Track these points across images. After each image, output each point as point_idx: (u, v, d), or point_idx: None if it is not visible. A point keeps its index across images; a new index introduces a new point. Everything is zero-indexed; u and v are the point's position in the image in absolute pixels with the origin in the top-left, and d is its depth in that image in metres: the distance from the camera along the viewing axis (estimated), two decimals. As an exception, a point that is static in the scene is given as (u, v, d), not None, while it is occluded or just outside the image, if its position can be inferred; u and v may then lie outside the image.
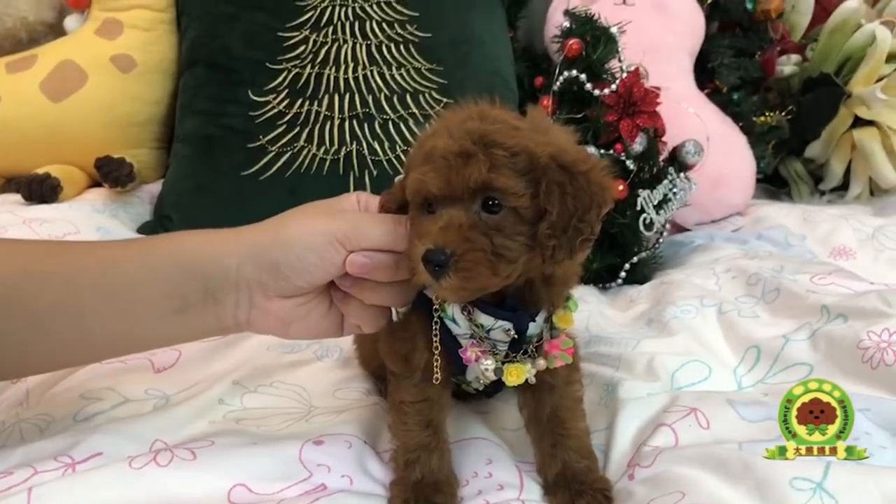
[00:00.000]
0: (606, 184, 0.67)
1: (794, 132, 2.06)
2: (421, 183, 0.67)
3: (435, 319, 0.74)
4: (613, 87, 1.30)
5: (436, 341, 0.74)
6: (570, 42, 1.33)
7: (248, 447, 0.78)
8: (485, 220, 0.65)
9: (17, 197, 1.53)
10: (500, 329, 0.73)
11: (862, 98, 1.96)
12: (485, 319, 0.72)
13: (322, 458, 0.77)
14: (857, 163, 2.03)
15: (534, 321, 0.74)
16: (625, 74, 1.32)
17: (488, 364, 0.73)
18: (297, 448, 0.77)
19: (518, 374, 0.73)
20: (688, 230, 1.70)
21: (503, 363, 0.74)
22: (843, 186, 2.10)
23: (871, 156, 1.95)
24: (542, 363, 0.74)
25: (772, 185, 2.19)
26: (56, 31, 1.85)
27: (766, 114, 2.05)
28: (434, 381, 0.74)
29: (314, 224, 0.72)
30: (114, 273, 0.72)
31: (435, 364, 0.74)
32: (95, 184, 1.65)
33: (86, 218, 1.45)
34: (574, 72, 1.32)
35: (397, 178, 0.77)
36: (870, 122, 1.98)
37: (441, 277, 0.63)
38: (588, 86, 1.31)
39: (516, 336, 0.73)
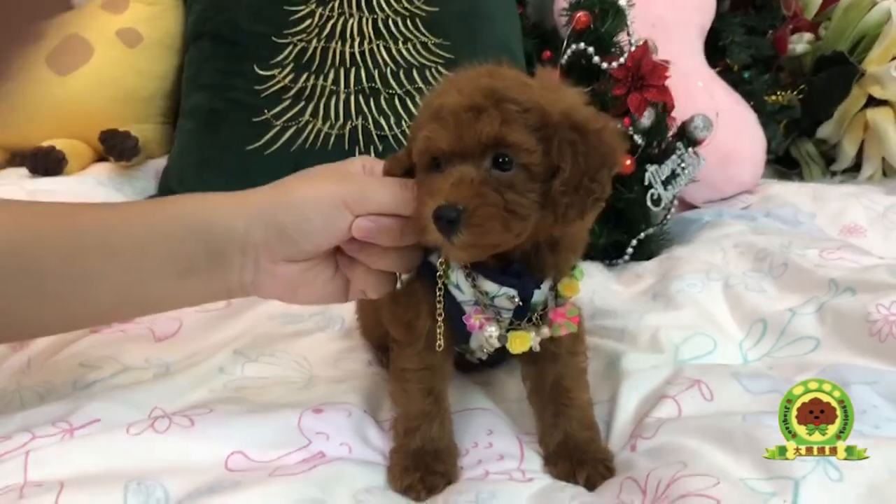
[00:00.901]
0: (617, 144, 0.67)
1: (805, 112, 2.03)
2: (429, 140, 0.65)
3: (439, 286, 0.73)
4: (622, 60, 1.28)
5: (439, 308, 0.73)
6: (579, 14, 1.31)
7: (246, 415, 0.78)
8: (496, 176, 0.64)
9: (23, 170, 1.53)
10: (505, 296, 0.72)
11: (876, 77, 1.93)
12: (489, 286, 0.72)
13: (321, 426, 0.77)
14: (870, 143, 2.00)
15: (539, 288, 0.73)
16: (633, 48, 1.30)
17: (492, 331, 0.72)
18: (297, 416, 0.77)
19: (522, 341, 0.72)
20: (697, 207, 1.69)
21: (507, 331, 0.73)
22: (856, 167, 2.07)
23: (885, 136, 1.92)
24: (546, 331, 0.73)
25: (783, 165, 2.16)
26: (63, 4, 1.84)
27: (778, 93, 2.02)
28: (437, 349, 0.73)
29: (321, 187, 0.71)
30: (119, 234, 0.72)
31: (438, 331, 0.73)
32: (101, 158, 1.64)
33: (90, 191, 1.45)
34: (582, 45, 1.30)
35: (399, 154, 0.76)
36: (883, 102, 1.95)
37: (452, 234, 0.62)
38: (596, 59, 1.29)
39: (521, 303, 0.72)
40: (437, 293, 0.73)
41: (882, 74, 1.90)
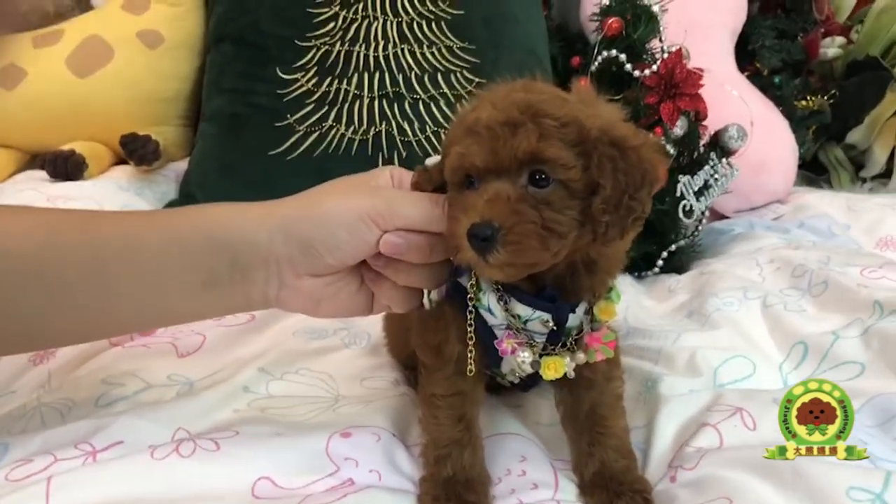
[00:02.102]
0: (657, 161, 0.64)
1: (835, 117, 2.00)
2: (462, 157, 0.63)
3: (469, 309, 0.70)
4: (654, 67, 1.25)
5: (470, 332, 0.70)
6: (610, 20, 1.28)
7: (273, 438, 0.75)
8: (532, 193, 0.61)
9: (42, 174, 1.52)
10: (538, 320, 0.69)
11: (909, 83, 1.89)
12: (522, 310, 0.69)
13: (349, 452, 0.74)
14: (901, 150, 1.96)
15: (574, 312, 0.70)
16: (666, 55, 1.27)
17: (525, 356, 0.69)
18: (324, 440, 0.75)
19: (556, 367, 0.69)
20: (726, 217, 1.65)
21: (541, 356, 0.70)
22: (886, 174, 2.03)
23: (916, 143, 1.89)
24: (581, 357, 0.71)
25: (811, 171, 2.13)
26: (83, 5, 1.83)
27: (808, 98, 1.98)
28: (468, 374, 0.71)
29: (348, 201, 0.69)
30: (140, 245, 0.70)
31: (469, 356, 0.70)
32: (121, 161, 1.63)
33: (110, 196, 1.43)
34: (613, 51, 1.27)
35: (428, 160, 0.74)
36: (916, 108, 1.91)
37: (488, 253, 0.60)
38: (628, 66, 1.26)
39: (555, 328, 0.70)
40: (468, 316, 0.70)
41: (916, 80, 1.86)
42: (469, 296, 0.70)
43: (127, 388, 0.87)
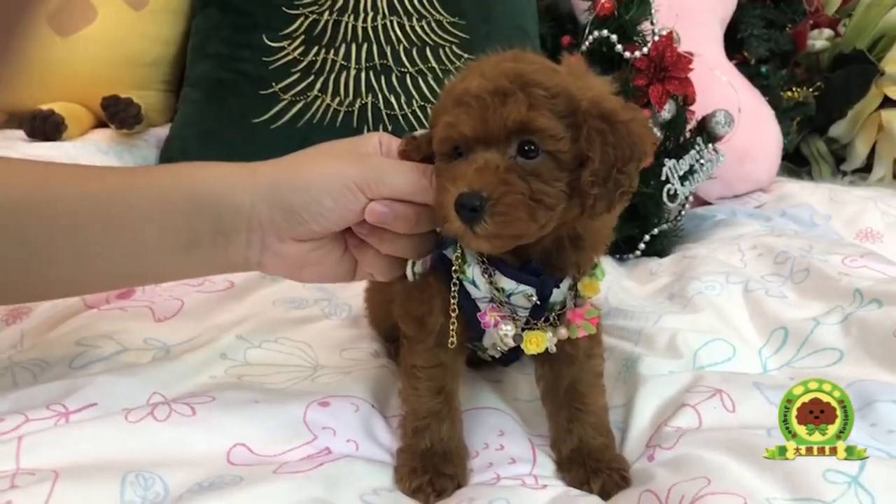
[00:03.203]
0: (646, 135, 0.64)
1: (820, 109, 2.00)
2: (451, 126, 0.62)
3: (454, 281, 0.70)
4: (645, 49, 1.24)
5: (453, 304, 0.70)
6: (602, 0, 1.27)
7: (250, 405, 0.75)
8: (521, 164, 0.61)
9: (20, 133, 1.49)
10: (522, 294, 0.69)
11: (894, 78, 1.90)
12: (506, 283, 0.69)
13: (327, 421, 0.74)
14: (883, 144, 1.97)
15: (558, 287, 0.70)
16: (657, 37, 1.26)
17: (508, 330, 0.69)
18: (302, 409, 0.74)
19: (538, 342, 0.69)
20: (709, 203, 1.66)
21: (523, 330, 0.70)
22: (866, 169, 2.05)
23: (899, 138, 1.90)
24: (563, 332, 0.71)
25: (792, 163, 2.14)
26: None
27: (793, 89, 1.99)
28: (449, 346, 0.70)
29: (334, 166, 0.68)
30: (120, 203, 0.69)
31: (451, 328, 0.70)
32: (101, 124, 1.60)
33: (89, 158, 1.41)
34: (605, 32, 1.26)
35: (416, 133, 0.73)
36: (900, 103, 1.93)
37: (475, 224, 0.59)
38: (619, 47, 1.25)
39: (538, 302, 0.69)
40: (452, 288, 0.70)
41: (901, 76, 1.87)
42: (453, 268, 0.70)
43: (102, 351, 0.86)
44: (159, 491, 0.62)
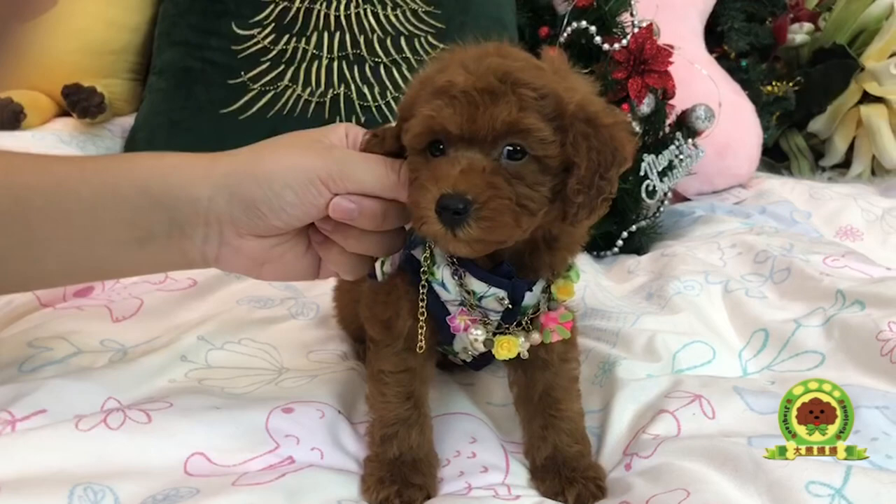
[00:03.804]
0: (627, 141, 0.62)
1: (799, 104, 2.00)
2: (432, 120, 0.59)
3: (422, 283, 0.67)
4: (624, 42, 1.22)
5: (422, 307, 0.67)
6: (581, -10, 1.24)
7: (209, 412, 0.71)
8: (505, 166, 0.58)
9: (-24, 122, 1.43)
10: (493, 297, 0.66)
11: (873, 73, 1.90)
12: (477, 286, 0.66)
13: (291, 428, 0.71)
14: (862, 140, 1.97)
15: (530, 290, 0.67)
16: (637, 29, 1.24)
17: (478, 334, 0.67)
18: (265, 415, 0.71)
19: (510, 347, 0.67)
20: (688, 199, 1.64)
21: (494, 334, 0.68)
22: (844, 164, 2.04)
23: (877, 134, 1.90)
24: (536, 337, 0.68)
25: (771, 158, 2.13)
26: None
27: (773, 83, 1.97)
28: (417, 351, 0.67)
29: (297, 159, 0.64)
30: (69, 195, 0.65)
31: (419, 332, 0.67)
32: (64, 113, 1.54)
33: (50, 149, 1.35)
34: (583, 23, 1.23)
35: (379, 130, 0.69)
36: (878, 99, 1.92)
37: (458, 227, 0.57)
38: (597, 39, 1.23)
39: (510, 305, 0.66)
40: (420, 291, 0.67)
41: (880, 71, 1.86)
42: (422, 269, 0.67)
43: (55, 353, 0.82)
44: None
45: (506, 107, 0.57)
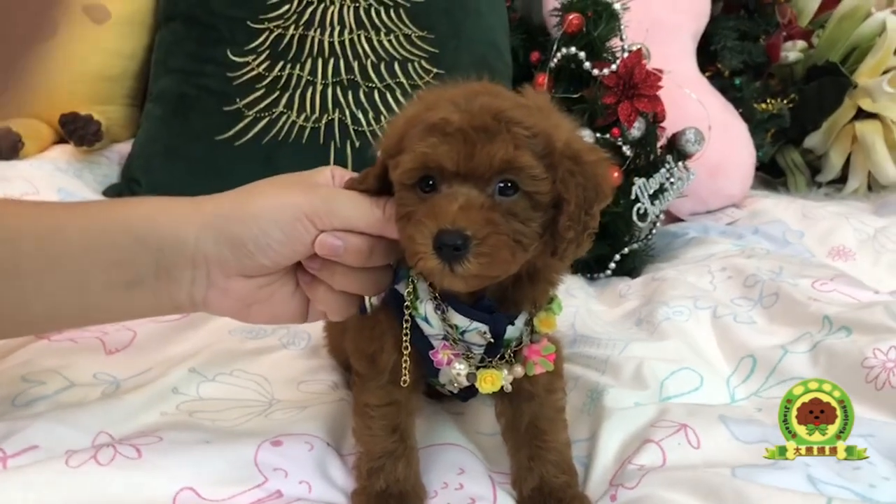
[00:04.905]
0: (609, 177, 0.64)
1: (794, 121, 2.00)
2: (427, 157, 0.59)
3: (406, 317, 0.67)
4: (614, 67, 1.23)
5: (405, 341, 0.67)
6: (570, 17, 1.25)
7: (199, 446, 0.71)
8: (499, 202, 0.59)
9: (-25, 152, 1.44)
10: (476, 331, 0.67)
11: (867, 90, 1.90)
12: (459, 320, 0.66)
13: (279, 462, 0.71)
14: (857, 156, 1.98)
15: (512, 324, 0.68)
16: (626, 54, 1.25)
17: (461, 368, 0.67)
18: (253, 449, 0.71)
19: (493, 380, 0.67)
20: (681, 220, 1.64)
21: (477, 368, 0.68)
22: (841, 180, 2.05)
23: (872, 150, 1.91)
24: (519, 370, 0.69)
25: (768, 174, 2.13)
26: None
27: (768, 101, 1.98)
28: (402, 384, 0.68)
29: (283, 197, 0.65)
30: (58, 238, 0.65)
31: (403, 366, 0.67)
32: (62, 140, 1.55)
33: (47, 177, 1.36)
34: (573, 49, 1.24)
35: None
36: (872, 115, 1.93)
37: (456, 263, 0.57)
38: (587, 65, 1.24)
39: (492, 339, 0.67)
40: (404, 325, 0.67)
41: (874, 87, 1.87)
42: (405, 304, 0.67)
43: (48, 387, 0.83)
44: (98, 541, 0.59)
45: (502, 145, 0.58)
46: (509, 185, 0.59)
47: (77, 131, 1.44)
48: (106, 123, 1.51)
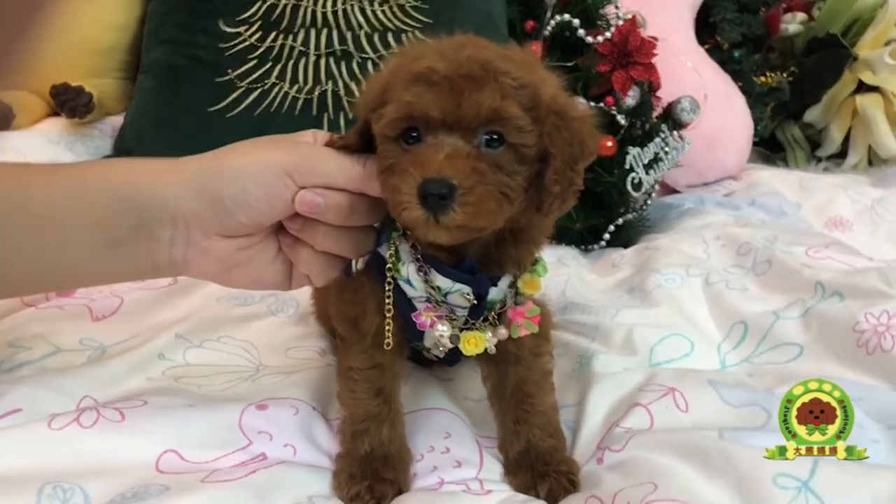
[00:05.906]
0: (594, 134, 0.63)
1: (794, 94, 1.99)
2: (412, 106, 0.58)
3: (388, 280, 0.67)
4: (608, 34, 1.21)
5: (388, 304, 0.67)
6: (565, -17, 1.23)
7: (183, 409, 0.72)
8: (484, 153, 0.58)
9: (-35, 123, 1.43)
10: (459, 293, 0.66)
11: (868, 62, 1.89)
12: (442, 281, 0.66)
13: (264, 425, 0.71)
14: (858, 130, 1.96)
15: (495, 286, 0.67)
16: (621, 21, 1.23)
17: (444, 330, 0.67)
18: (238, 412, 0.71)
19: (476, 342, 0.67)
20: (678, 192, 1.63)
21: (461, 330, 0.67)
22: (841, 154, 2.03)
23: (873, 123, 1.89)
24: (503, 332, 0.68)
25: (767, 149, 2.12)
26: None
27: (767, 74, 1.96)
28: (385, 347, 0.67)
29: (263, 154, 0.65)
30: (37, 198, 0.65)
31: (387, 329, 0.67)
32: (54, 113, 1.54)
33: (38, 149, 1.36)
34: (567, 16, 1.23)
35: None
36: (873, 88, 1.91)
37: (442, 212, 0.56)
38: (581, 32, 1.22)
39: (475, 301, 0.66)
40: (386, 288, 0.67)
41: (875, 60, 1.85)
42: (387, 266, 0.66)
43: (34, 352, 0.82)
44: (78, 502, 0.59)
45: (490, 94, 0.57)
46: (495, 136, 0.58)
47: (68, 102, 1.43)
48: (98, 96, 1.50)
